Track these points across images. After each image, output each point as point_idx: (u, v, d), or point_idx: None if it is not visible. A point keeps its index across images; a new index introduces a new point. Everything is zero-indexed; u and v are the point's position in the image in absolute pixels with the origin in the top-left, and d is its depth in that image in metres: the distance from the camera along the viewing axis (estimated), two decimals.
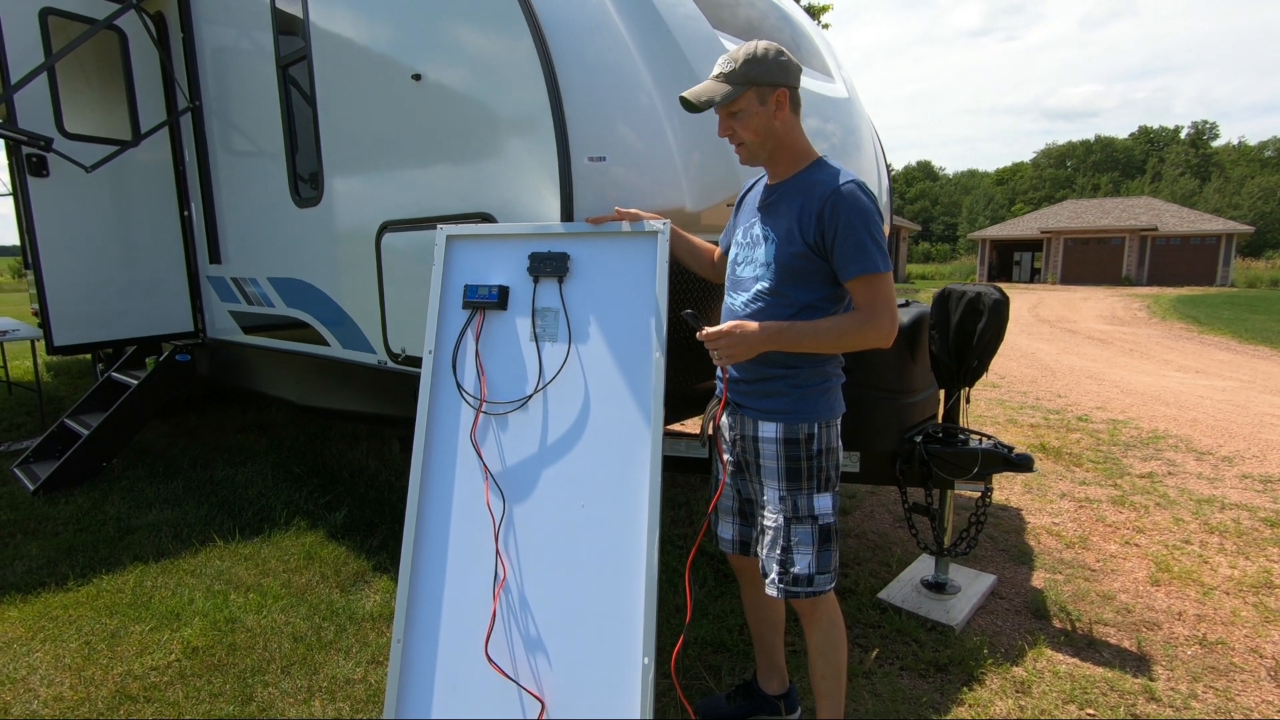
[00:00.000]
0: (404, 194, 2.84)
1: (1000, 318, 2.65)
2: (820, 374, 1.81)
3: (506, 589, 1.95)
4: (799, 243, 1.72)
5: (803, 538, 1.80)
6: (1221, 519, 3.77)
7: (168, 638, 2.56)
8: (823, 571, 1.81)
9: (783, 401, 1.80)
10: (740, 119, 1.76)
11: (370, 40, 2.87)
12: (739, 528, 2.03)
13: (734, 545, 2.04)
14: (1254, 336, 11.82)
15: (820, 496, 1.81)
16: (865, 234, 1.66)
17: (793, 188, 1.78)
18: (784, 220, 1.77)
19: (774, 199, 1.83)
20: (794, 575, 1.80)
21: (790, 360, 1.78)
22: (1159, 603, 2.90)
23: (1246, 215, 46.78)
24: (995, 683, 2.35)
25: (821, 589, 1.81)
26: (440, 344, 2.18)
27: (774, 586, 1.83)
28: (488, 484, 2.03)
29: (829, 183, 1.71)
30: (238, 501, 3.86)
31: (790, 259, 1.74)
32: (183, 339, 4.58)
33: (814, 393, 1.80)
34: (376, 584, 3.00)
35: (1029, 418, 6.05)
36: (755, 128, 1.75)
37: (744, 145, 1.79)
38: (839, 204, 1.67)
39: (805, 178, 1.77)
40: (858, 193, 1.68)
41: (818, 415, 1.80)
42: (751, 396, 1.85)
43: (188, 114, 4.16)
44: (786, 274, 1.75)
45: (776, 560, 1.82)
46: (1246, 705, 2.26)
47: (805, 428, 1.79)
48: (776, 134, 1.77)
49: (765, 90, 1.74)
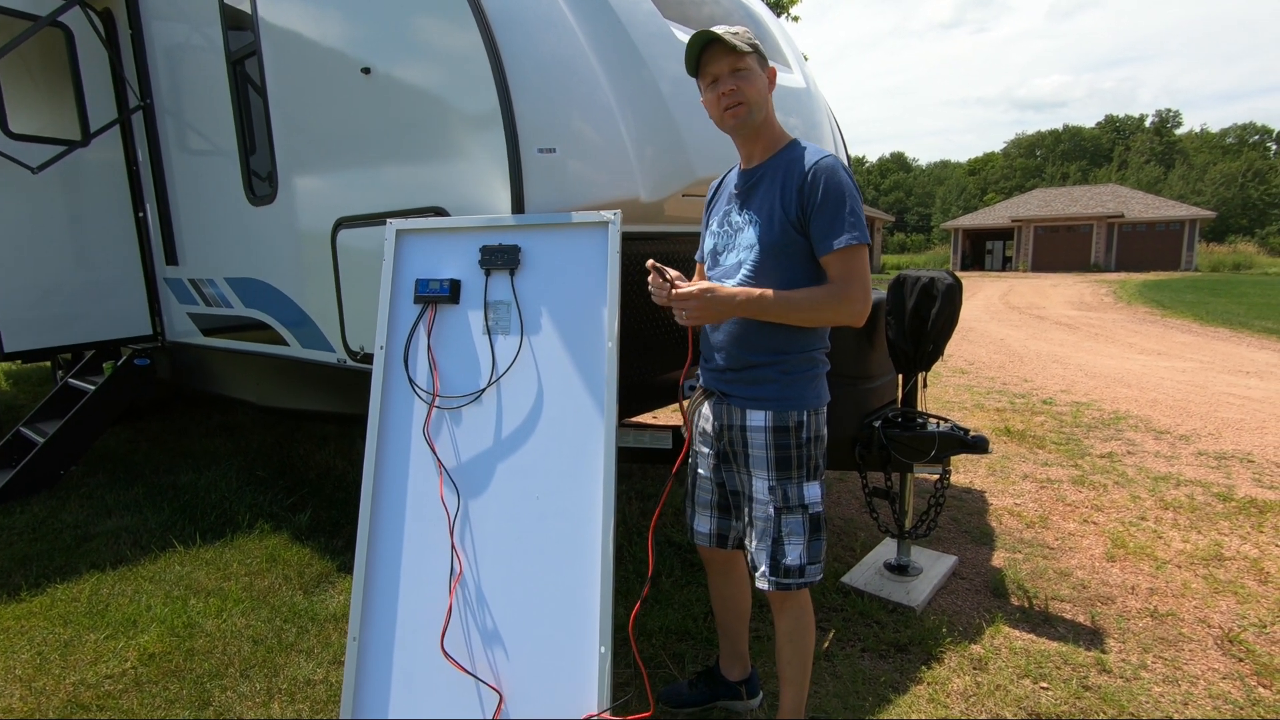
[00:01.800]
0: (358, 189, 2.81)
1: (954, 302, 2.68)
2: (808, 360, 1.80)
3: (463, 583, 1.95)
4: (782, 220, 1.73)
5: (794, 528, 1.79)
6: (1176, 495, 3.86)
7: (123, 645, 2.52)
8: (813, 561, 1.80)
9: (771, 389, 1.79)
10: (745, 77, 1.73)
11: (319, 34, 2.83)
12: (717, 521, 2.00)
13: (711, 539, 2.01)
14: (1214, 319, 12.12)
15: (810, 485, 1.80)
16: (843, 207, 1.67)
17: (772, 168, 1.79)
18: (766, 200, 1.77)
19: (753, 182, 1.82)
20: (785, 567, 1.79)
21: (779, 346, 1.77)
22: (1114, 578, 2.97)
23: (1209, 201, 47.92)
24: (953, 660, 2.40)
25: (811, 579, 1.81)
26: (392, 339, 2.16)
27: (765, 579, 1.82)
28: (442, 479, 2.02)
29: (808, 158, 1.73)
30: (200, 506, 3.80)
31: (775, 238, 1.74)
32: (141, 342, 4.49)
33: (802, 380, 1.80)
34: (340, 584, 2.97)
35: (995, 402, 6.15)
36: (759, 88, 1.75)
37: (744, 104, 1.74)
38: (818, 177, 1.68)
39: (783, 156, 1.78)
40: (837, 167, 1.70)
41: (806, 402, 1.79)
42: (738, 384, 1.84)
43: (139, 112, 4.07)
44: (771, 254, 1.74)
45: (767, 552, 1.80)
46: (1193, 673, 2.33)
47: (794, 415, 1.78)
48: (767, 104, 1.79)
49: (763, 60, 1.78)
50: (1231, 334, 10.46)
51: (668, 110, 2.63)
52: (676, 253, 2.81)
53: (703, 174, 2.72)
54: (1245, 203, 52.95)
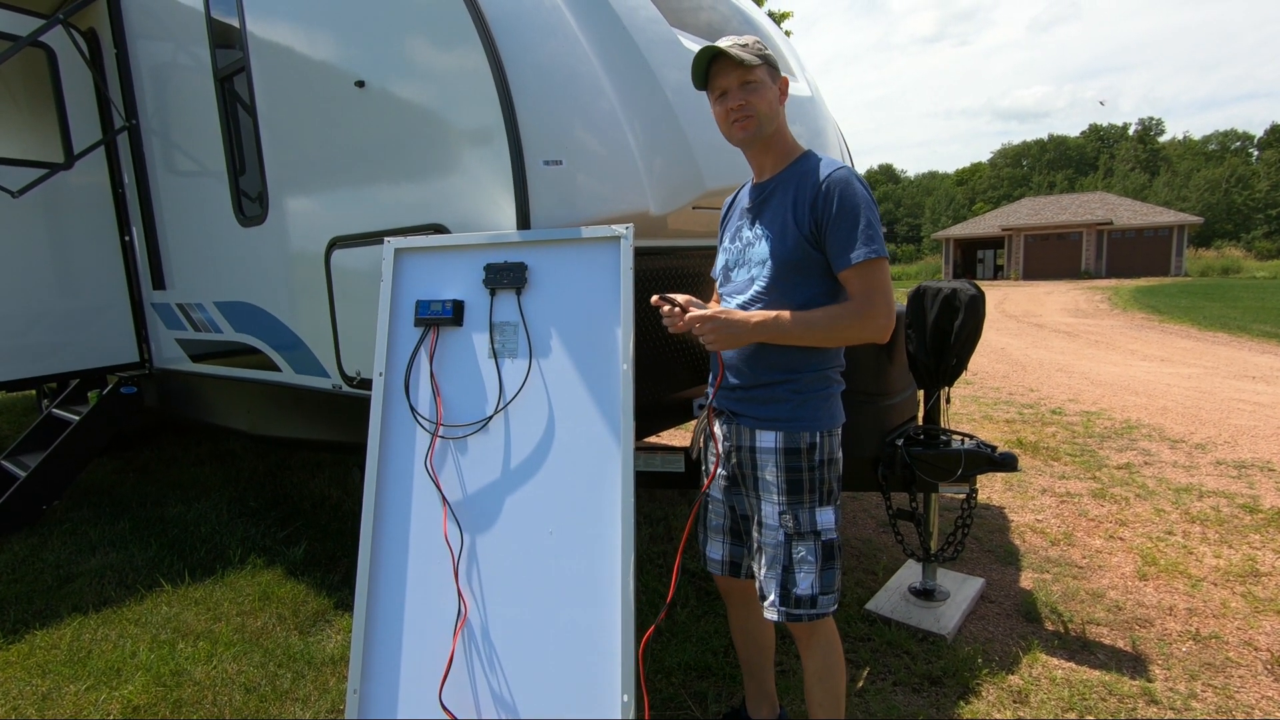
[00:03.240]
0: (352, 208, 2.69)
1: (977, 314, 2.58)
2: (822, 379, 1.71)
3: (468, 626, 1.80)
4: (795, 235, 1.65)
5: (805, 555, 1.68)
6: (1201, 507, 3.75)
7: (105, 697, 2.35)
8: (826, 591, 1.69)
9: (783, 408, 1.70)
10: (754, 90, 1.66)
11: (310, 48, 2.72)
12: (729, 547, 1.89)
13: (724, 566, 1.91)
14: (1212, 324, 12.11)
15: (822, 510, 1.70)
16: (861, 219, 1.59)
17: (784, 181, 1.71)
18: (778, 214, 1.69)
19: (764, 196, 1.75)
20: (795, 596, 1.68)
21: (792, 365, 1.69)
22: (1149, 598, 2.85)
23: (1195, 207, 48.40)
24: (992, 693, 2.26)
25: (824, 610, 1.70)
26: (391, 365, 2.03)
27: (773, 609, 1.71)
28: (446, 514, 1.88)
29: (822, 170, 1.65)
30: (189, 540, 3.63)
31: (787, 253, 1.66)
32: (128, 370, 4.34)
33: (815, 399, 1.70)
34: (339, 623, 2.81)
35: (1004, 413, 6.04)
36: (769, 100, 1.68)
37: (753, 117, 1.68)
38: (832, 189, 1.61)
39: (796, 169, 1.71)
40: (851, 179, 1.63)
41: (819, 423, 1.70)
42: (749, 404, 1.74)
43: (124, 133, 3.95)
44: (784, 270, 1.66)
45: (776, 580, 1.70)
46: (1247, 703, 2.20)
47: (806, 436, 1.69)
48: (778, 117, 1.72)
49: (774, 71, 1.71)
50: (1231, 338, 10.43)
51: (676, 119, 2.53)
52: (686, 268, 2.70)
53: (712, 186, 2.62)
54: (1230, 208, 53.49)
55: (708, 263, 2.88)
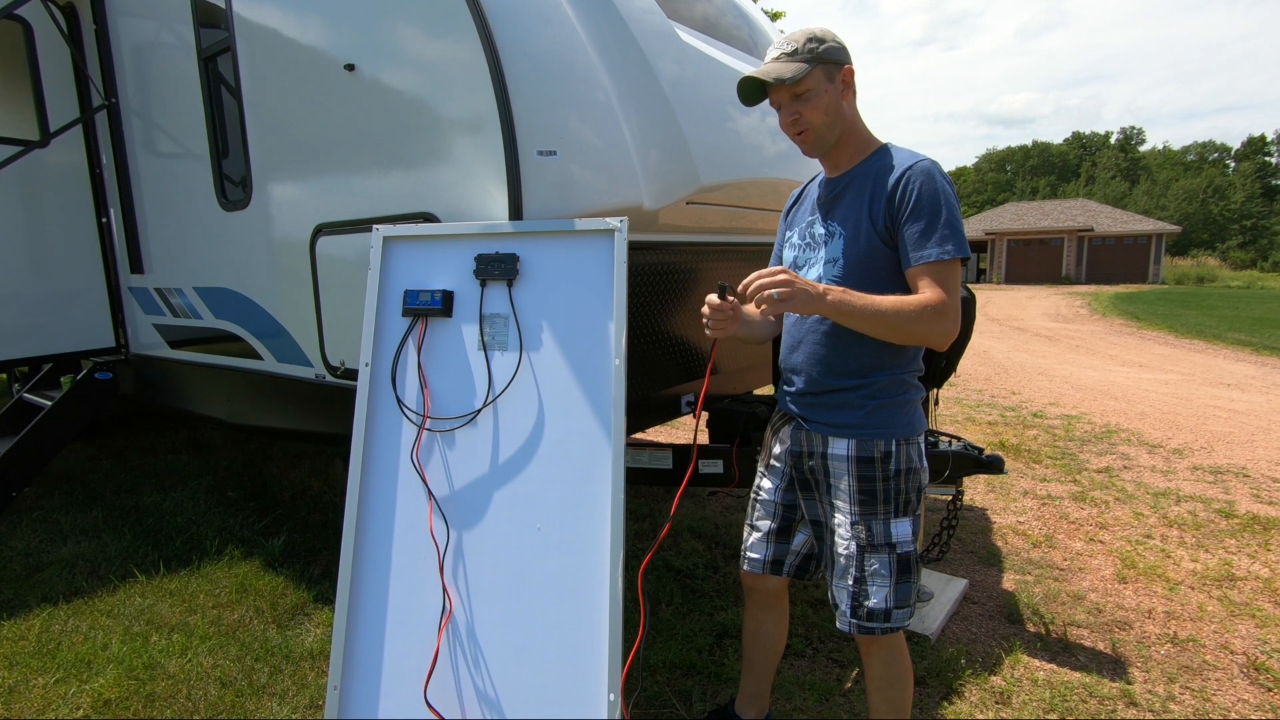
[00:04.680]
0: (339, 194, 2.63)
1: (968, 316, 2.57)
2: (898, 384, 1.64)
3: (453, 624, 1.77)
4: (871, 233, 1.58)
5: (879, 568, 1.62)
6: (1179, 512, 3.80)
7: (75, 690, 2.29)
8: (901, 606, 1.63)
9: (855, 414, 1.63)
10: (807, 100, 1.59)
11: (298, 29, 2.65)
12: (775, 547, 1.83)
13: (765, 565, 1.85)
14: (1189, 331, 12.32)
15: (898, 522, 1.63)
16: (939, 215, 1.51)
17: (860, 176, 1.64)
18: (853, 210, 1.62)
19: (839, 191, 1.67)
20: (869, 610, 1.62)
21: (864, 369, 1.62)
22: (1128, 600, 2.88)
23: (1173, 216, 49.24)
24: (975, 694, 2.27)
25: (898, 625, 1.64)
26: (378, 355, 1.99)
27: (844, 620, 1.66)
28: (432, 508, 1.84)
29: (902, 163, 1.57)
30: (165, 530, 3.55)
31: (860, 252, 1.59)
32: (103, 355, 4.23)
33: (890, 405, 1.63)
34: (318, 616, 2.77)
35: (986, 415, 6.10)
36: (825, 107, 1.60)
37: (809, 131, 1.61)
38: (912, 182, 1.53)
39: (872, 164, 1.63)
40: (934, 172, 1.55)
41: (895, 431, 1.62)
42: (818, 409, 1.69)
43: (103, 112, 3.84)
44: (857, 269, 1.59)
45: (848, 591, 1.64)
46: (1223, 705, 2.23)
47: (881, 445, 1.61)
48: (845, 116, 1.64)
49: (832, 68, 1.60)
50: (1207, 346, 10.62)
51: (671, 113, 2.50)
52: (676, 264, 2.68)
53: (707, 181, 2.60)
54: (1206, 218, 54.53)
55: (698, 258, 2.87)
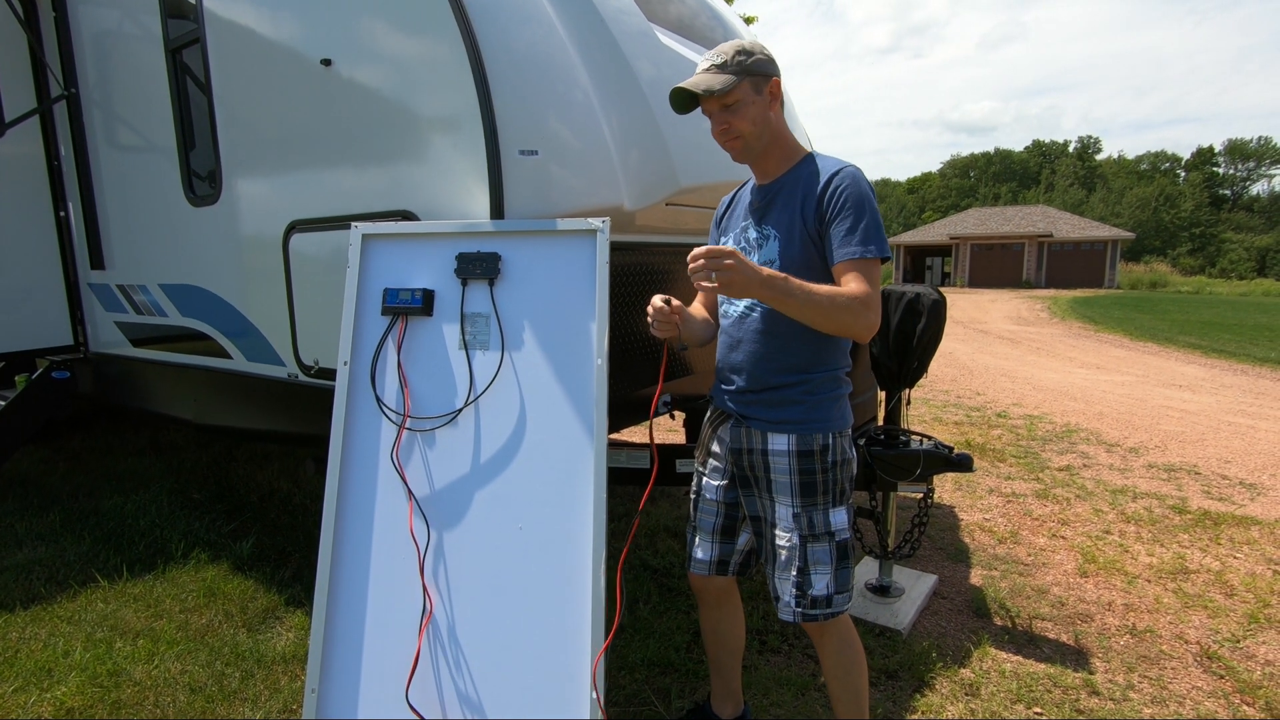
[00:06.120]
0: (314, 191, 2.59)
1: (939, 318, 2.65)
2: (833, 380, 1.72)
3: (434, 624, 1.76)
4: (804, 235, 1.65)
5: (820, 556, 1.69)
6: (1135, 508, 3.95)
7: (36, 699, 2.22)
8: (841, 590, 1.70)
9: (795, 410, 1.69)
10: (736, 111, 1.66)
11: (272, 22, 2.61)
12: (719, 547, 1.88)
13: (710, 567, 1.89)
14: (1143, 334, 12.77)
15: (836, 511, 1.71)
16: (865, 216, 1.60)
17: (791, 181, 1.71)
18: (786, 214, 1.69)
19: (770, 197, 1.74)
20: (812, 597, 1.69)
21: (803, 365, 1.69)
22: (1089, 594, 2.98)
23: (1127, 223, 50.93)
24: (945, 687, 2.33)
25: (839, 609, 1.71)
26: (357, 354, 1.97)
27: (788, 610, 1.71)
28: (412, 508, 1.83)
29: (829, 169, 1.66)
30: (127, 534, 3.45)
31: (795, 253, 1.66)
32: (60, 353, 4.09)
33: (827, 400, 1.71)
34: (289, 620, 2.72)
35: (952, 415, 6.24)
36: (753, 118, 1.67)
37: (740, 139, 1.68)
38: (840, 185, 1.62)
39: (803, 169, 1.71)
40: (859, 177, 1.64)
41: (831, 424, 1.70)
42: (758, 406, 1.74)
43: (62, 102, 3.72)
44: (793, 269, 1.64)
45: (792, 582, 1.70)
46: (1179, 692, 2.32)
47: (819, 438, 1.69)
48: (772, 126, 1.70)
49: (760, 80, 1.67)
50: (1160, 349, 11.01)
51: (651, 114, 2.51)
52: (653, 264, 2.69)
53: (686, 182, 2.62)
54: (1158, 225, 56.48)
55: (674, 259, 2.89)
